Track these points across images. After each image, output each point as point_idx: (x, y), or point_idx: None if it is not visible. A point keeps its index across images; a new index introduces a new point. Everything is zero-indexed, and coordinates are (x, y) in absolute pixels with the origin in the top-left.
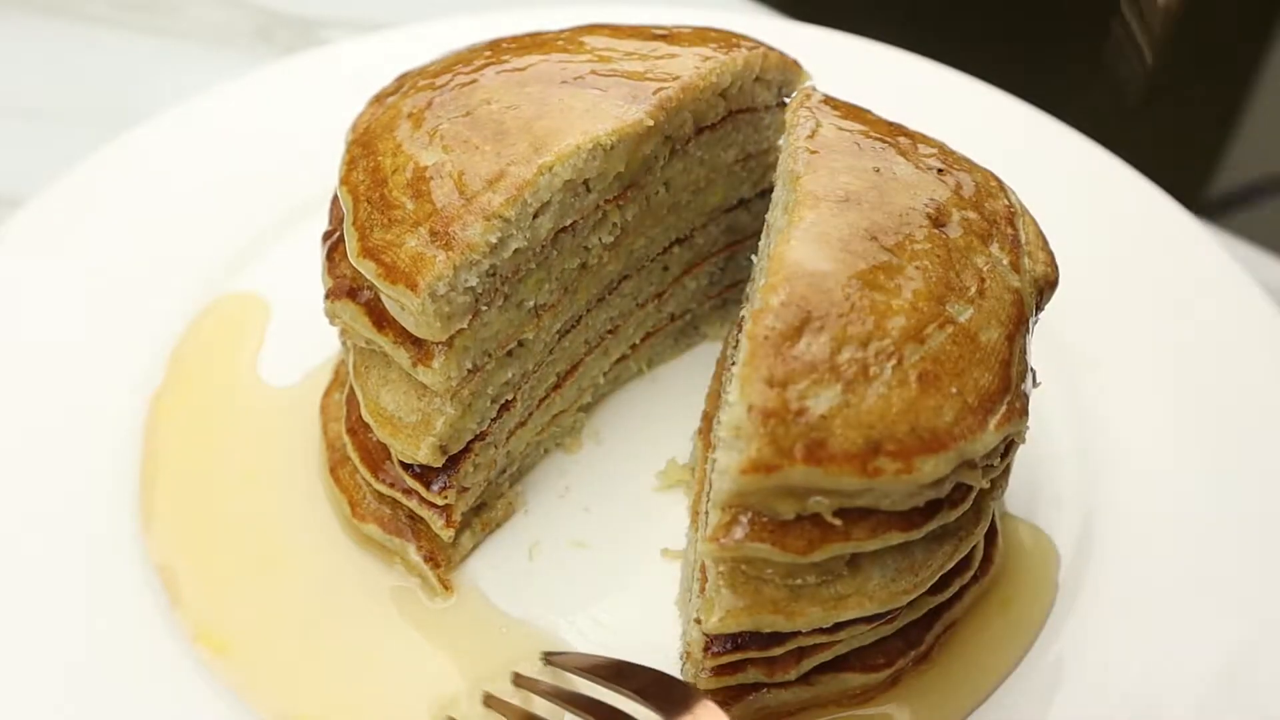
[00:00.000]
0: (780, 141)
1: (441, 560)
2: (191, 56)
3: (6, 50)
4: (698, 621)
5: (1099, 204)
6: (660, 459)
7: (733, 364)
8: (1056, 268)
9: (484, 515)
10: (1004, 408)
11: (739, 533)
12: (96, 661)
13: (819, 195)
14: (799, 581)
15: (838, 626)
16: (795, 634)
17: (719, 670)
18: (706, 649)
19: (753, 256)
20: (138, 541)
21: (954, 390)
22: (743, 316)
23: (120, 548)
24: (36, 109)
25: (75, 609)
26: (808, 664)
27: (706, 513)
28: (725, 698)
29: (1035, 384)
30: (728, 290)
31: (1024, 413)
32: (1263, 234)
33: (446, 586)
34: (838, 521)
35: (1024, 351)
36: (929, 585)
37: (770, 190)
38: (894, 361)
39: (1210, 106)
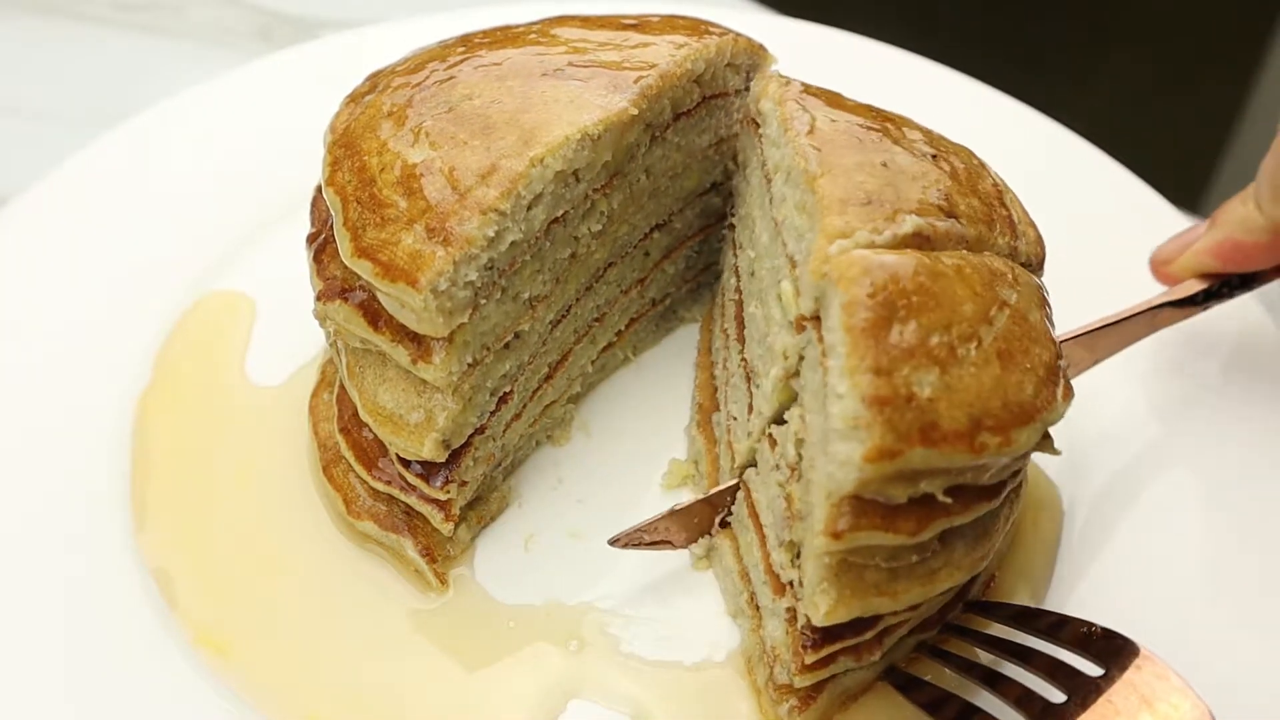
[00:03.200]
0: (770, 133)
1: (439, 555)
2: (191, 56)
3: (6, 50)
4: (790, 624)
5: (1090, 201)
6: (650, 448)
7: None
8: (1043, 243)
9: (479, 509)
10: (1062, 380)
11: (854, 523)
12: (97, 668)
13: (842, 199)
14: (899, 563)
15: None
16: (882, 615)
17: (815, 665)
18: (803, 646)
19: (728, 235)
20: (132, 545)
21: (1028, 366)
22: (728, 306)
23: (114, 552)
24: (36, 109)
25: (73, 616)
26: (889, 641)
27: (799, 508)
28: (811, 690)
29: None
30: (702, 274)
31: (1071, 388)
32: None
33: (443, 581)
34: (949, 500)
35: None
36: (996, 547)
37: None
38: (974, 343)
39: (1210, 106)
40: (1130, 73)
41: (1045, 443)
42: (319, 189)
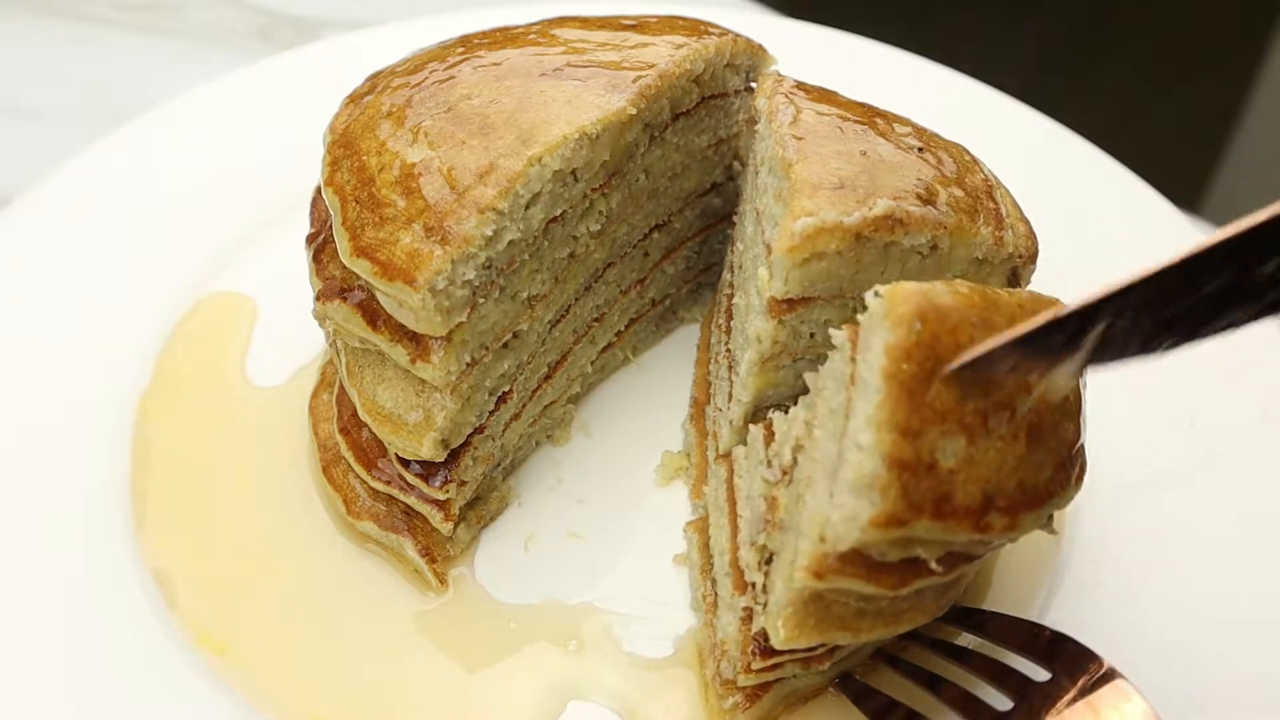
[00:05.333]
0: (760, 128)
1: (438, 555)
2: (191, 56)
3: (6, 50)
4: (744, 624)
5: (1090, 201)
6: (649, 448)
7: (728, 349)
8: (1035, 238)
9: (478, 509)
10: (1079, 460)
11: (839, 568)
12: (97, 668)
13: (815, 183)
14: (870, 605)
15: None
16: None
17: (765, 669)
18: (751, 652)
19: (729, 233)
20: (132, 545)
21: (1052, 444)
22: (722, 300)
23: (114, 552)
24: (36, 109)
25: (73, 616)
26: (840, 653)
27: (783, 535)
28: (757, 689)
29: None
30: (702, 274)
31: (1085, 467)
32: None
33: (442, 581)
34: (940, 569)
35: (1081, 395)
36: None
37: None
38: (1008, 413)
39: (1210, 106)
40: (1130, 73)
41: (1046, 523)
42: (319, 189)
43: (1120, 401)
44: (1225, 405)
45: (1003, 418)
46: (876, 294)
